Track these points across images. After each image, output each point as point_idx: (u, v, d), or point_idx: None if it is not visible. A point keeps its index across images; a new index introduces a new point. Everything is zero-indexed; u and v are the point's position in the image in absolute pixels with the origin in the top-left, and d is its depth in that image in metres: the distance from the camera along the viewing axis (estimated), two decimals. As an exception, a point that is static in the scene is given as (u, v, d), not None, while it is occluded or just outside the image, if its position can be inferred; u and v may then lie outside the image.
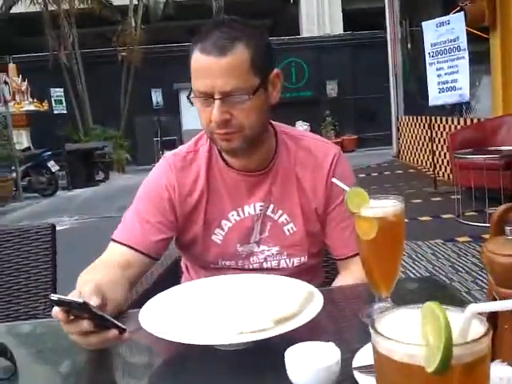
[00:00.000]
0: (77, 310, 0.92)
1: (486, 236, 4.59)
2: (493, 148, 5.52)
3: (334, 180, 1.15)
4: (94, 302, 0.95)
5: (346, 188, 1.06)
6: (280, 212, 1.34)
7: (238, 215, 1.34)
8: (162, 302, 1.07)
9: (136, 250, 1.27)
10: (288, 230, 1.34)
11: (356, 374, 0.83)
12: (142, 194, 1.36)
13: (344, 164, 1.38)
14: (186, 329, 0.93)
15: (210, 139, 1.29)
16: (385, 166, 9.83)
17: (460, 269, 3.99)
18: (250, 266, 1.35)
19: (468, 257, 4.24)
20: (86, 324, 0.92)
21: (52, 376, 1.00)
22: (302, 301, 0.98)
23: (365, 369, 0.84)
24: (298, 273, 1.34)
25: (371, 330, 0.48)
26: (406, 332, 0.49)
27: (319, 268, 1.48)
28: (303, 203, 1.34)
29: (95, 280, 1.06)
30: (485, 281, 3.69)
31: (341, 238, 1.35)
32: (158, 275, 1.62)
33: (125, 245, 1.28)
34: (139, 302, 1.27)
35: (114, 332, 0.93)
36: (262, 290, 1.09)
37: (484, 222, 4.93)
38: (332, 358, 0.82)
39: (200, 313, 1.00)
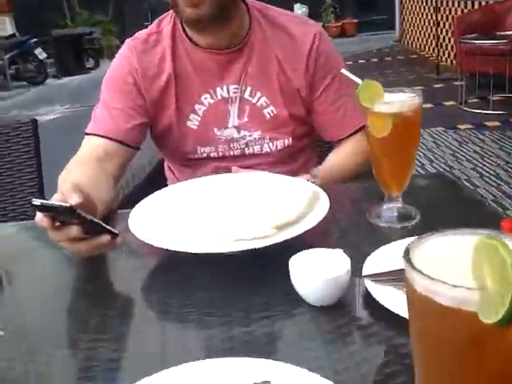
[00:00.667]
0: (63, 216, 0.83)
1: (489, 123, 4.52)
2: (500, 33, 5.24)
3: (342, 71, 1.02)
4: (74, 200, 0.84)
5: (358, 80, 0.94)
6: (259, 94, 1.25)
7: (212, 98, 1.25)
8: (153, 205, 0.98)
9: (110, 139, 1.20)
10: (268, 114, 1.26)
11: (367, 282, 0.76)
12: (106, 83, 1.28)
13: (328, 43, 1.28)
14: (180, 235, 0.85)
15: (175, 10, 1.17)
16: (386, 51, 9.45)
17: (460, 157, 3.92)
18: (232, 153, 1.28)
19: (469, 144, 4.16)
20: (75, 230, 0.83)
21: (39, 280, 0.93)
22: (306, 203, 0.89)
23: (377, 277, 0.77)
24: (284, 157, 1.30)
25: (405, 263, 0.38)
26: (450, 266, 0.39)
27: (310, 152, 1.40)
28: (283, 84, 1.25)
29: (73, 179, 0.97)
30: (485, 168, 3.64)
31: (334, 121, 1.29)
32: (147, 175, 1.53)
33: (98, 135, 1.20)
34: (128, 203, 1.18)
35: (106, 237, 0.85)
36: (261, 191, 0.99)
37: (487, 110, 4.81)
38: (341, 267, 0.74)
39: (194, 218, 0.92)
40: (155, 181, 1.48)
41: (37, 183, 1.56)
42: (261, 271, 0.84)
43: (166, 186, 1.37)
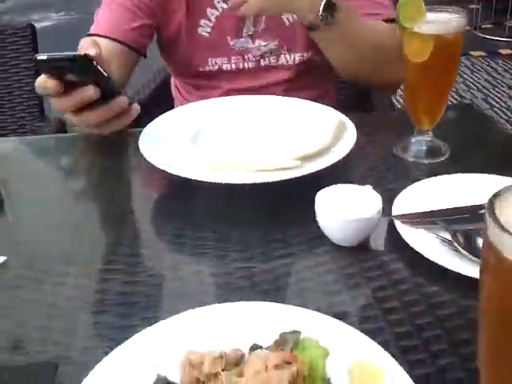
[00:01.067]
0: (75, 73, 0.69)
1: (502, 51, 4.35)
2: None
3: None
4: (92, 52, 0.72)
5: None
6: None
7: (225, 2, 1.13)
8: (163, 128, 0.91)
9: (109, 38, 1.08)
10: (288, 19, 1.15)
11: (397, 224, 0.70)
12: None
13: None
14: (194, 162, 0.78)
15: None
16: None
17: (471, 85, 3.79)
18: (246, 65, 1.19)
19: (481, 73, 4.02)
20: (91, 90, 0.71)
21: (42, 201, 0.86)
22: (331, 133, 0.82)
23: (407, 218, 0.71)
24: (302, 77, 1.20)
25: (490, 222, 0.32)
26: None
27: (331, 80, 1.30)
28: None
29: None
30: (496, 99, 3.53)
31: (362, 10, 1.10)
32: (152, 90, 1.43)
33: (97, 35, 1.09)
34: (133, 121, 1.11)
35: (122, 100, 0.75)
36: (282, 117, 0.92)
37: (502, 36, 4.62)
38: (373, 206, 0.68)
39: (209, 144, 0.85)
40: (161, 99, 1.40)
41: (36, 95, 1.48)
42: (281, 205, 0.78)
43: (173, 106, 1.30)
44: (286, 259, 0.69)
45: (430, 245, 0.67)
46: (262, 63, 1.19)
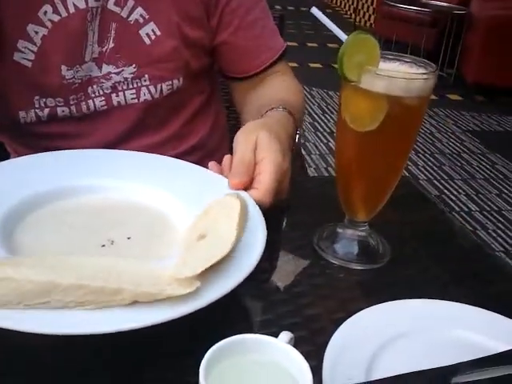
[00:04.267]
0: None
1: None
2: (425, 1, 5.10)
3: (313, 10, 0.64)
4: None
5: (342, 36, 0.57)
6: (131, 3, 0.79)
7: (57, 12, 0.76)
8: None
9: None
10: (148, 36, 0.81)
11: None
12: None
13: None
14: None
15: None
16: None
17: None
18: (90, 107, 0.82)
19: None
20: None
21: None
22: (236, 233, 0.50)
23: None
24: (175, 112, 0.89)
25: None
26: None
27: (214, 102, 0.97)
28: None
29: None
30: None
31: (250, 40, 0.89)
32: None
33: None
34: None
35: None
36: (156, 195, 0.61)
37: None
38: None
39: (29, 245, 0.52)
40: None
41: None
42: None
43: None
44: None
45: None
46: (115, 100, 0.83)
